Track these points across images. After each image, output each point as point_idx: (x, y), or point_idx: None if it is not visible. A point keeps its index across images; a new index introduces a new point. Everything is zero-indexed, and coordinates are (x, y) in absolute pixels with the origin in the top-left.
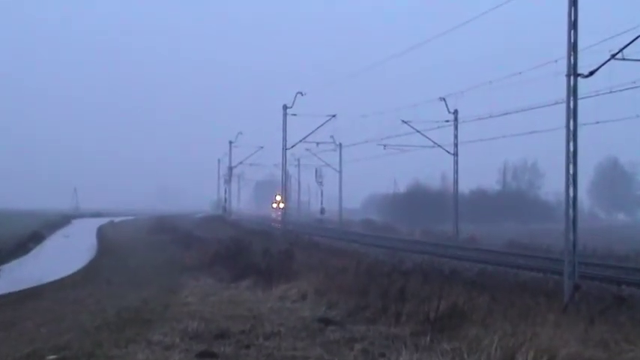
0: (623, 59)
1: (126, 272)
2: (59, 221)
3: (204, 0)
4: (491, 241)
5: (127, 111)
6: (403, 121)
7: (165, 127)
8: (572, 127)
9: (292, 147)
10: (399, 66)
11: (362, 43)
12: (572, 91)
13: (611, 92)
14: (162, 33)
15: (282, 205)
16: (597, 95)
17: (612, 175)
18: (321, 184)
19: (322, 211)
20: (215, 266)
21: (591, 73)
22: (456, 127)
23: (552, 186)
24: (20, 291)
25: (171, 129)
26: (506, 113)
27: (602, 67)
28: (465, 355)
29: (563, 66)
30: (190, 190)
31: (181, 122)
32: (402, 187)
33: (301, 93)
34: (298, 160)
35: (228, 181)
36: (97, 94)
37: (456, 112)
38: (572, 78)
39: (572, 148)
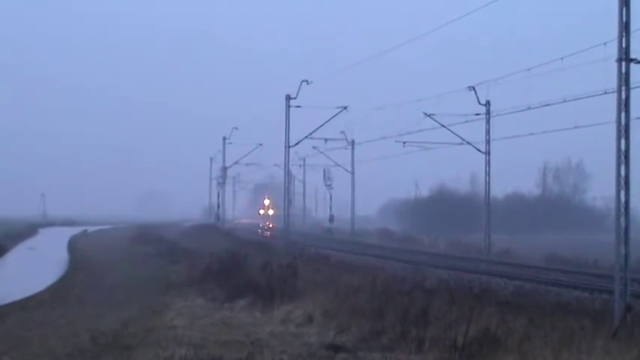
0: None
1: (102, 290)
2: (24, 231)
3: None
4: (528, 255)
5: (101, 103)
6: (426, 113)
7: (148, 121)
8: (623, 121)
9: (296, 144)
10: (420, 51)
11: (377, 25)
12: (624, 79)
13: None
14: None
15: (271, 212)
16: None
17: None
18: (329, 187)
19: (331, 218)
20: (206, 283)
21: None
22: (487, 121)
23: (601, 190)
24: None
25: (154, 124)
26: (547, 105)
27: None
28: None
29: (613, 49)
30: (177, 195)
31: (166, 116)
32: (424, 191)
33: (307, 81)
34: (303, 159)
35: (221, 184)
36: (63, 85)
37: (487, 103)
38: (623, 63)
39: (623, 146)
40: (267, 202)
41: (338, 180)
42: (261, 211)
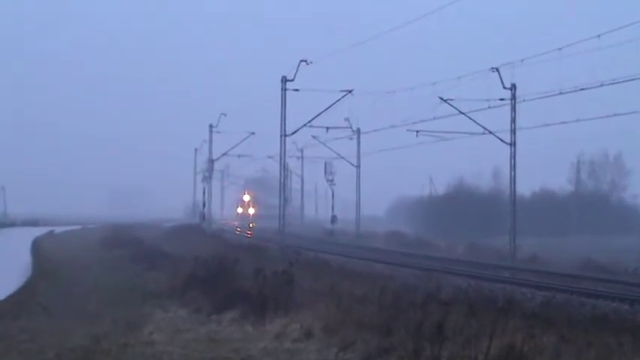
0: None
1: (71, 300)
2: None
3: None
4: (559, 261)
5: (70, 81)
6: (442, 99)
7: (122, 105)
8: None
9: (294, 133)
10: (436, 27)
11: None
12: None
13: None
14: None
15: (252, 211)
16: None
17: None
18: (331, 182)
19: (333, 219)
20: (190, 292)
21: None
22: (513, 108)
23: None
24: None
25: (130, 109)
26: (581, 89)
27: None
28: None
29: None
30: (156, 192)
31: (144, 100)
32: (440, 188)
33: (306, 61)
34: (301, 150)
35: (207, 179)
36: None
37: (513, 87)
38: None
39: None
40: (246, 197)
41: (341, 175)
42: (239, 210)
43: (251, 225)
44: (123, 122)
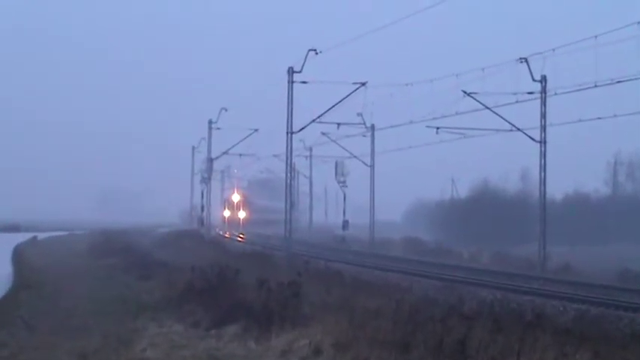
0: None
1: (56, 313)
2: None
3: None
4: (594, 271)
5: (54, 83)
6: (466, 92)
7: (113, 102)
8: None
9: (301, 130)
10: (459, 13)
11: None
12: None
13: None
14: None
15: (243, 215)
16: None
17: None
18: (343, 184)
19: (345, 225)
20: (187, 305)
21: None
22: (543, 102)
23: None
24: None
25: (121, 103)
26: (619, 81)
27: None
28: None
29: None
30: (150, 195)
31: (138, 94)
32: (462, 191)
33: (315, 51)
34: (310, 149)
35: (206, 180)
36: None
37: (543, 79)
38: None
39: None
40: (236, 197)
41: (354, 175)
42: (226, 213)
43: (240, 236)
44: (113, 118)
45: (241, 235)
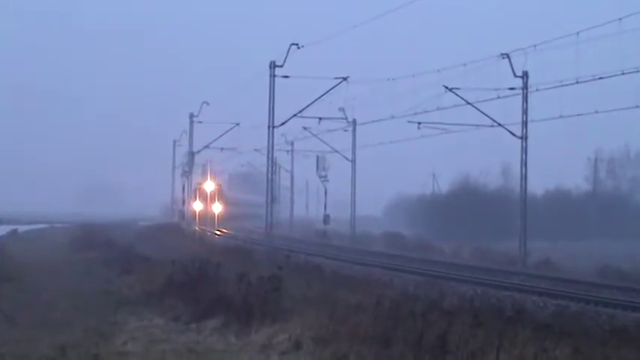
0: None
1: (36, 307)
2: None
3: None
4: (575, 267)
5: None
6: (447, 87)
7: (94, 93)
8: None
9: (283, 124)
10: (440, 7)
11: None
12: None
13: None
14: None
15: (218, 208)
16: None
17: None
18: (324, 179)
19: (326, 219)
20: (167, 299)
21: None
22: (525, 98)
23: None
24: None
25: (102, 96)
26: (600, 78)
27: None
28: None
29: None
30: (130, 188)
31: (118, 88)
32: (444, 186)
33: (297, 45)
34: (291, 143)
35: (187, 174)
36: None
37: (525, 75)
38: None
39: None
40: (209, 186)
41: (335, 170)
42: (197, 206)
43: (217, 232)
44: (93, 110)
45: (220, 232)
